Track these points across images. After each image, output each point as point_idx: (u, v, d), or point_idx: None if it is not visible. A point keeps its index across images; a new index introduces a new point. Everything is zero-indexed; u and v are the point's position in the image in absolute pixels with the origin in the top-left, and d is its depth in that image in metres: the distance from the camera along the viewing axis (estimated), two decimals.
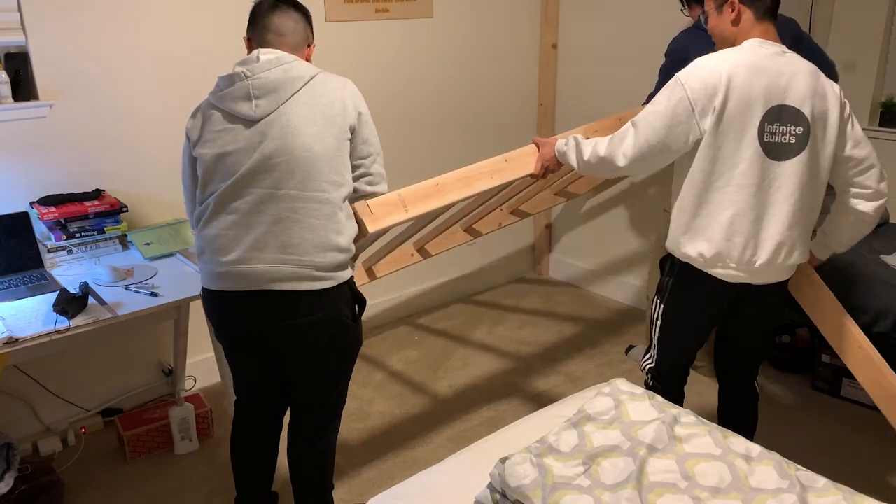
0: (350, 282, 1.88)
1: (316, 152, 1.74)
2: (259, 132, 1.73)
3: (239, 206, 1.75)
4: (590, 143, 2.02)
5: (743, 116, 1.82)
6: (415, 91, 3.48)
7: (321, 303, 1.81)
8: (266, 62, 1.76)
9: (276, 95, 1.74)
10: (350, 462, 2.61)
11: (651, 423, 1.69)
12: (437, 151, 3.66)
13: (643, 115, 1.89)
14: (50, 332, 1.92)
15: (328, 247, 1.77)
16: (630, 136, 1.90)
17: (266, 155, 1.72)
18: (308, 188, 1.74)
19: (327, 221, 1.76)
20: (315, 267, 1.76)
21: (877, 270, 2.83)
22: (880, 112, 3.43)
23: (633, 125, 1.90)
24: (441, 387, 3.09)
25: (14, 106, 2.37)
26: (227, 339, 1.96)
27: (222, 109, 1.77)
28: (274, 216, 1.74)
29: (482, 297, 4.01)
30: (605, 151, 1.95)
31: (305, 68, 1.79)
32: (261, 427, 2.09)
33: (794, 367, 3.14)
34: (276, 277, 1.75)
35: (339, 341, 1.90)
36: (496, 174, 2.16)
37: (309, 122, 1.75)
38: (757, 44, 1.86)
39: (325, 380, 1.96)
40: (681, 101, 1.82)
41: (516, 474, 1.54)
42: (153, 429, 2.63)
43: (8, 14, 2.34)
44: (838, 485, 1.57)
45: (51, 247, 2.41)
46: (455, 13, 3.52)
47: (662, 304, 2.10)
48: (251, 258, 1.75)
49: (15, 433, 2.61)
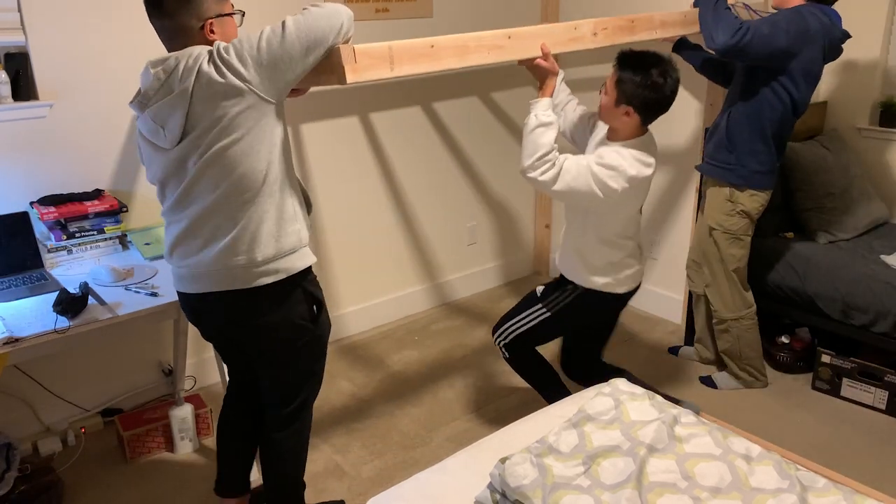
0: (303, 282, 1.85)
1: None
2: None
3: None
4: (543, 133, 2.14)
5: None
6: (414, 90, 3.48)
7: (270, 303, 1.80)
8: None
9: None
10: (350, 462, 2.61)
11: (651, 423, 1.70)
12: (436, 151, 3.66)
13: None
14: (50, 332, 1.92)
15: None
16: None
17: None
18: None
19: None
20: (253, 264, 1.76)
21: (877, 270, 2.83)
22: (880, 112, 3.43)
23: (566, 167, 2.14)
24: (441, 387, 3.09)
25: (14, 106, 2.37)
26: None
27: None
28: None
29: (482, 297, 4.01)
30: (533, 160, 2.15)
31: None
32: (240, 415, 2.14)
33: (794, 367, 3.14)
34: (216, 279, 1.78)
35: (294, 342, 1.89)
36: (494, 50, 2.06)
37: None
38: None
39: (285, 380, 1.97)
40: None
41: (516, 474, 1.54)
42: (153, 429, 2.63)
43: (8, 14, 2.34)
44: (838, 485, 1.57)
45: (51, 247, 2.41)
46: (455, 13, 3.52)
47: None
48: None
49: (15, 433, 2.61)
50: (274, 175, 1.71)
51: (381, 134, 3.42)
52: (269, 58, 1.59)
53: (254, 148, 1.65)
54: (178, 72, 1.61)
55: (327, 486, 2.48)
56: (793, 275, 3.00)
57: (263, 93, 1.62)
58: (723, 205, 2.79)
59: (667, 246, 3.60)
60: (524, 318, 2.47)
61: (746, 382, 3.02)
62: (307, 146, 3.17)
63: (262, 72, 1.60)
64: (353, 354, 3.38)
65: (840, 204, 3.18)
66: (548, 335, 2.51)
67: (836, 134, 3.46)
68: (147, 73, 1.67)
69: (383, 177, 3.49)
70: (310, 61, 1.64)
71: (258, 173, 1.67)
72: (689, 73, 3.29)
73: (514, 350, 2.52)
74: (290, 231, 1.77)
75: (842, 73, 3.53)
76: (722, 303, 2.91)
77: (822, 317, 2.95)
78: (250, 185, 1.68)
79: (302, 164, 3.17)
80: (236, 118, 1.61)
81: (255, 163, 1.66)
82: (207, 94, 1.59)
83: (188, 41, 1.68)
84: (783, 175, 3.26)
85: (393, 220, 3.59)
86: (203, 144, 1.63)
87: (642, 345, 3.44)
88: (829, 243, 3.11)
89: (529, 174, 2.14)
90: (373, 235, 3.53)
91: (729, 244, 2.82)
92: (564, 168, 2.13)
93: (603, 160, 2.15)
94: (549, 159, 2.13)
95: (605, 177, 2.14)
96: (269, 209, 1.72)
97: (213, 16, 1.68)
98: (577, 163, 2.15)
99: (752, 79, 2.62)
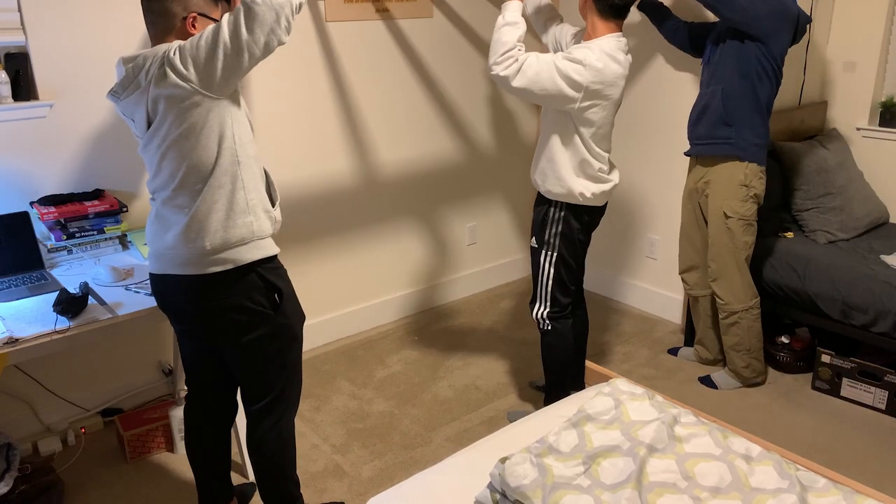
0: (258, 268, 1.86)
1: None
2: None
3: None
4: (508, 31, 2.24)
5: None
6: (414, 91, 3.48)
7: (223, 288, 1.82)
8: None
9: None
10: (350, 462, 2.61)
11: (651, 423, 1.70)
12: (436, 151, 3.66)
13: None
14: (50, 332, 1.92)
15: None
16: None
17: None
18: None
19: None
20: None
21: (877, 270, 2.83)
22: (880, 112, 3.43)
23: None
24: (441, 387, 3.10)
25: (14, 106, 2.37)
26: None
27: None
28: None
29: (481, 297, 4.01)
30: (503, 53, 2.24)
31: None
32: (205, 424, 2.13)
33: (794, 367, 3.14)
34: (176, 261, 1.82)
35: (251, 327, 1.88)
36: None
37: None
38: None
39: (254, 371, 1.96)
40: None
41: (516, 474, 1.54)
42: (153, 429, 2.63)
43: (8, 14, 2.34)
44: (838, 485, 1.57)
45: (51, 247, 2.41)
46: (455, 13, 3.52)
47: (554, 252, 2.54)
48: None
49: (15, 433, 2.62)
50: (224, 167, 1.76)
51: (381, 135, 3.42)
52: (205, 57, 1.64)
53: (200, 141, 1.72)
54: (144, 69, 1.69)
55: (327, 486, 2.48)
56: (793, 275, 3.00)
57: (205, 90, 1.68)
58: (737, 191, 2.78)
59: (667, 246, 3.60)
60: (542, 276, 2.55)
61: (747, 380, 3.02)
62: (305, 143, 3.18)
63: (200, 71, 1.65)
64: (353, 354, 3.38)
65: (840, 204, 3.18)
66: (571, 269, 2.55)
67: (836, 134, 3.46)
68: (119, 67, 1.75)
69: (383, 177, 3.49)
70: (245, 64, 1.68)
71: (206, 165, 1.74)
72: (684, 88, 3.29)
73: (557, 315, 2.58)
74: (239, 223, 1.80)
75: (842, 73, 3.53)
76: (732, 294, 2.90)
77: (822, 317, 2.95)
78: (199, 177, 1.75)
79: (300, 162, 3.18)
80: (184, 113, 1.69)
81: (202, 154, 1.73)
82: (159, 91, 1.67)
83: (168, 29, 1.73)
84: (783, 175, 3.26)
85: (393, 221, 3.59)
86: (159, 136, 1.73)
87: (642, 345, 3.44)
88: (829, 243, 3.11)
89: (493, 71, 2.23)
90: (373, 235, 3.53)
91: (743, 231, 2.82)
92: (526, 64, 2.21)
93: (570, 55, 2.24)
94: (512, 55, 2.21)
95: (570, 70, 2.21)
96: (219, 199, 1.77)
97: (198, 12, 1.73)
98: (539, 58, 2.22)
99: (745, 53, 2.65)
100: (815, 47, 3.48)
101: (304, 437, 2.75)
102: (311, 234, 3.30)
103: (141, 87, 1.70)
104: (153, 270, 1.89)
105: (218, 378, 2.06)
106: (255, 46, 1.66)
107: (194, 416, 2.12)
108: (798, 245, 3.09)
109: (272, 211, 1.89)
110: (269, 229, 1.87)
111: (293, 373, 2.03)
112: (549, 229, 2.50)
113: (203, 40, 1.65)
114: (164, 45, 1.70)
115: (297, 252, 3.27)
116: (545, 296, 2.56)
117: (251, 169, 1.82)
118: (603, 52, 2.25)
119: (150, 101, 1.69)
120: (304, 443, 2.72)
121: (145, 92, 1.69)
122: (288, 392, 2.03)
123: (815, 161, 3.20)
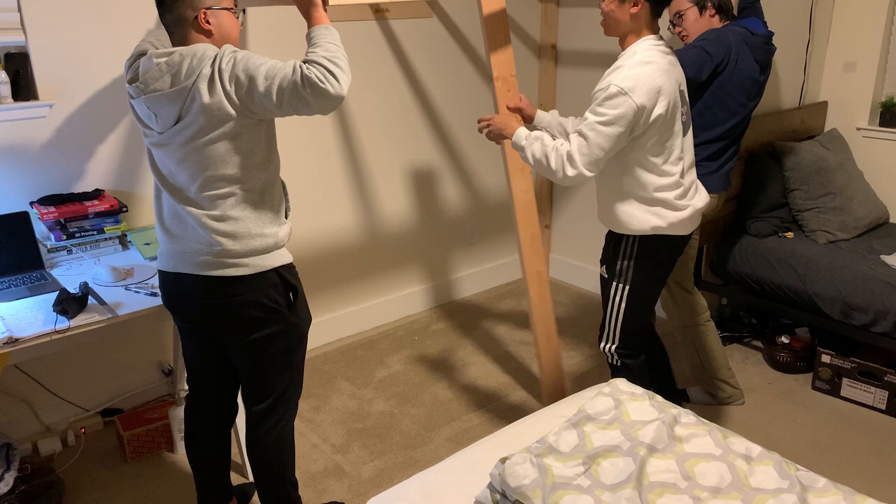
0: (278, 267, 1.88)
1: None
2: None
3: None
4: (532, 151, 2.10)
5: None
6: (414, 91, 3.48)
7: (242, 287, 1.83)
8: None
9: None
10: (350, 462, 2.61)
11: (651, 423, 1.70)
12: (436, 151, 3.66)
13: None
14: (50, 332, 1.92)
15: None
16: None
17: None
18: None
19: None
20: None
21: (877, 270, 2.83)
22: (880, 112, 3.43)
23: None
24: (441, 387, 3.10)
25: (14, 106, 2.37)
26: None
27: None
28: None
29: (481, 297, 4.01)
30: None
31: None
32: (205, 423, 2.13)
33: (794, 367, 3.14)
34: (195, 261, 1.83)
35: (265, 323, 1.89)
36: None
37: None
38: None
39: (260, 369, 1.96)
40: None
41: (516, 474, 1.54)
42: (153, 429, 2.63)
43: (8, 14, 2.34)
44: (838, 485, 1.57)
45: (51, 247, 2.41)
46: (455, 13, 3.52)
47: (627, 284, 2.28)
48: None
49: (15, 433, 2.62)
50: (254, 177, 1.79)
51: (381, 136, 3.42)
52: (248, 91, 1.68)
53: (231, 149, 1.74)
54: (182, 69, 1.68)
55: (327, 486, 2.48)
56: (793, 275, 3.00)
57: (244, 112, 1.71)
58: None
59: None
60: (612, 309, 2.31)
61: (720, 400, 2.86)
62: (307, 146, 3.18)
63: (243, 98, 1.69)
64: (353, 354, 3.38)
65: (840, 204, 3.18)
66: (644, 306, 2.30)
67: (836, 134, 3.46)
68: (150, 60, 1.73)
69: (384, 178, 3.49)
70: (283, 112, 1.72)
71: (233, 173, 1.76)
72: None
73: (629, 350, 2.34)
74: (267, 233, 1.84)
75: (842, 73, 3.53)
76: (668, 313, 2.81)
77: (822, 317, 2.95)
78: (226, 183, 1.77)
79: (303, 165, 3.18)
80: (219, 125, 1.70)
81: (231, 161, 1.75)
82: (199, 98, 1.68)
83: (185, 31, 1.75)
84: (783, 175, 3.26)
85: (393, 221, 3.59)
86: (184, 136, 1.73)
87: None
88: (829, 243, 3.12)
89: (565, 183, 2.07)
90: (373, 236, 3.53)
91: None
92: (576, 151, 2.02)
93: (597, 103, 2.01)
94: (560, 160, 2.04)
95: (610, 113, 1.98)
96: (247, 208, 1.80)
97: (207, 6, 1.75)
98: (579, 137, 2.03)
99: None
100: (815, 47, 3.48)
101: (304, 437, 2.75)
102: (310, 234, 3.30)
103: (177, 86, 1.69)
104: (165, 268, 1.88)
105: (220, 379, 2.06)
106: (303, 110, 1.70)
107: (194, 416, 2.12)
108: (798, 245, 3.09)
109: (287, 222, 1.93)
110: (286, 239, 1.91)
111: (296, 374, 2.03)
112: (622, 261, 2.24)
113: (261, 76, 1.66)
114: (199, 46, 1.71)
115: (297, 252, 3.27)
116: (614, 331, 2.32)
117: (276, 181, 1.87)
118: (637, 63, 2.02)
119: (187, 102, 1.69)
120: (304, 443, 2.72)
121: (182, 93, 1.68)
122: (289, 393, 2.04)
123: (815, 161, 3.20)
